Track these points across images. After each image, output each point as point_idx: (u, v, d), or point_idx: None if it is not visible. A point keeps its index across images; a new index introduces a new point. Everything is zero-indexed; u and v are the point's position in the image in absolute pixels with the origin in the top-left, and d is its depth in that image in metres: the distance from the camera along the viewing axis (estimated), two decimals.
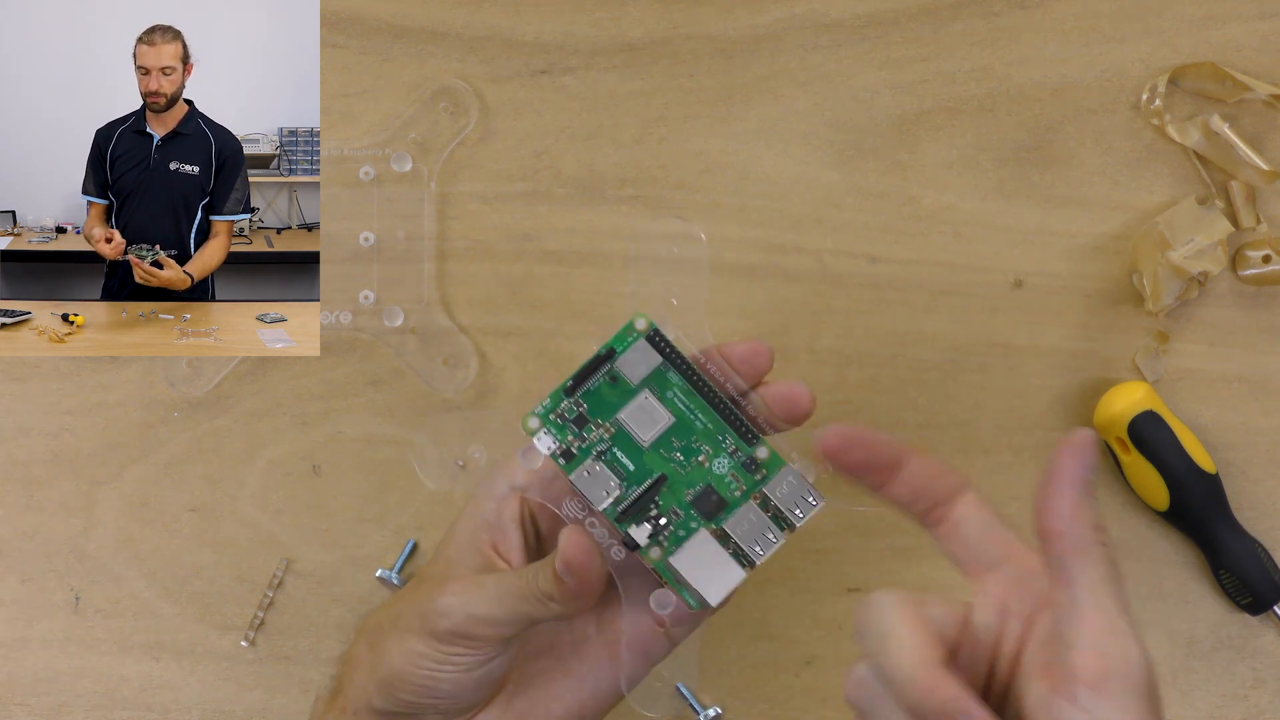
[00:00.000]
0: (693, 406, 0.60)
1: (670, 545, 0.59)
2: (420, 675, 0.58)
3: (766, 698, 0.74)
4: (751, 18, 0.75)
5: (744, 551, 0.59)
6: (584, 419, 0.60)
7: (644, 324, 0.60)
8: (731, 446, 0.60)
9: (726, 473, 0.60)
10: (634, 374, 0.60)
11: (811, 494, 0.59)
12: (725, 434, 0.60)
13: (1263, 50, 0.75)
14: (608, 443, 0.60)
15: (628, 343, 0.60)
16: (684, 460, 0.60)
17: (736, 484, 0.60)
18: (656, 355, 0.60)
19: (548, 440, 0.60)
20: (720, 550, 0.59)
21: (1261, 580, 0.72)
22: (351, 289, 0.75)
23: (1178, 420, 0.73)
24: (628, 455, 0.60)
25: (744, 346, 0.60)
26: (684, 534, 0.59)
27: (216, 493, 0.74)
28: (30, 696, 0.74)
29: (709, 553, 0.59)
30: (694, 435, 0.60)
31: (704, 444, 0.60)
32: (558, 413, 0.60)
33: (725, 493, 0.59)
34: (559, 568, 0.57)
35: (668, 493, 0.59)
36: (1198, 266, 0.72)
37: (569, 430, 0.60)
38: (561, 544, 0.57)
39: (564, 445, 0.60)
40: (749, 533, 0.59)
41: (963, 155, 0.75)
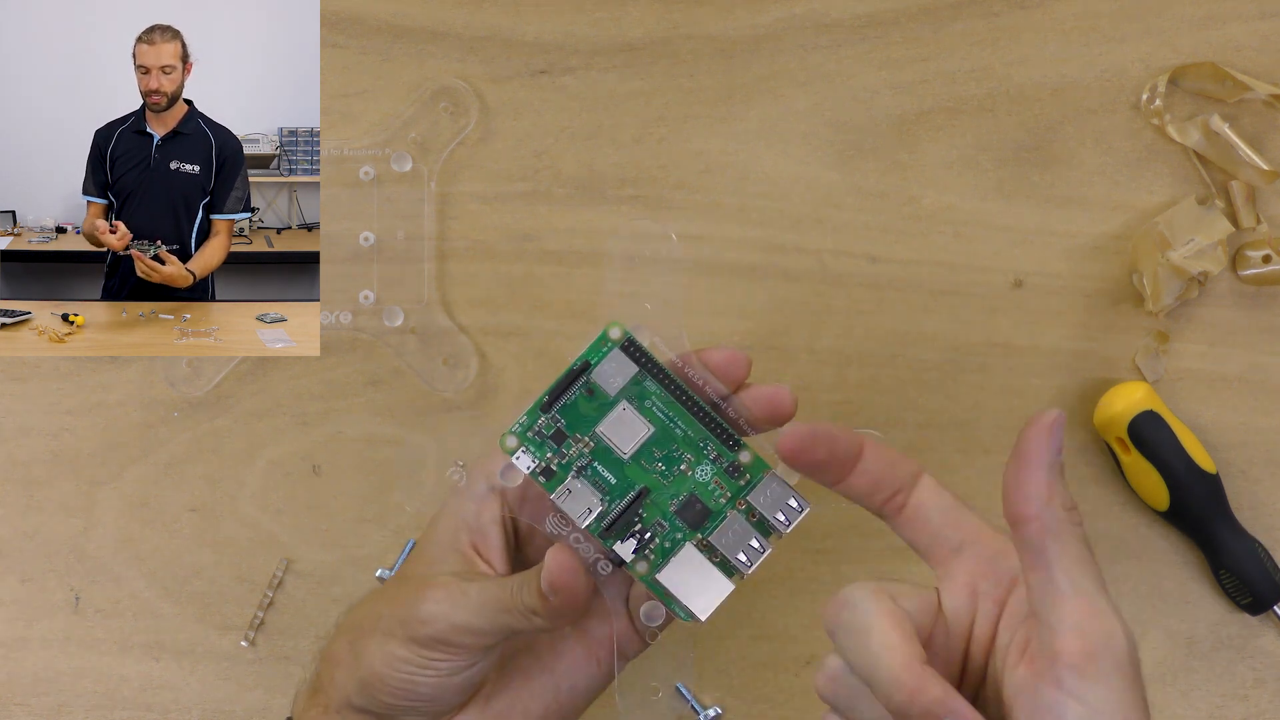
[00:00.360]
0: (672, 414, 0.59)
1: (657, 558, 0.59)
2: (400, 679, 0.58)
3: (766, 698, 0.74)
4: (751, 18, 0.75)
5: (731, 563, 0.59)
6: (562, 434, 0.59)
7: (618, 333, 0.59)
8: (714, 453, 0.59)
9: (710, 479, 0.59)
10: (611, 385, 0.59)
11: (796, 499, 0.59)
12: (706, 440, 0.59)
13: (1263, 50, 0.75)
14: (588, 457, 0.59)
15: (603, 353, 0.59)
16: (666, 470, 0.59)
17: (720, 491, 0.59)
18: (632, 365, 0.59)
19: (526, 459, 0.59)
20: (707, 563, 0.59)
21: (1261, 580, 0.72)
22: (351, 289, 0.75)
23: (1178, 420, 0.73)
24: (609, 469, 0.59)
25: (721, 354, 0.59)
26: (670, 545, 0.59)
27: (216, 493, 0.74)
28: (30, 696, 0.74)
29: (696, 566, 0.59)
30: (675, 444, 0.59)
31: (685, 451, 0.59)
32: (535, 430, 0.59)
33: (709, 501, 0.59)
34: (545, 587, 0.56)
35: (651, 504, 0.59)
36: (1198, 266, 0.72)
37: (547, 447, 0.59)
38: (547, 563, 0.56)
39: (543, 463, 0.59)
40: (735, 543, 0.59)
41: (963, 155, 0.75)
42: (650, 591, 0.59)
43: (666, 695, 0.65)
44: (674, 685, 0.74)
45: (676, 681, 0.74)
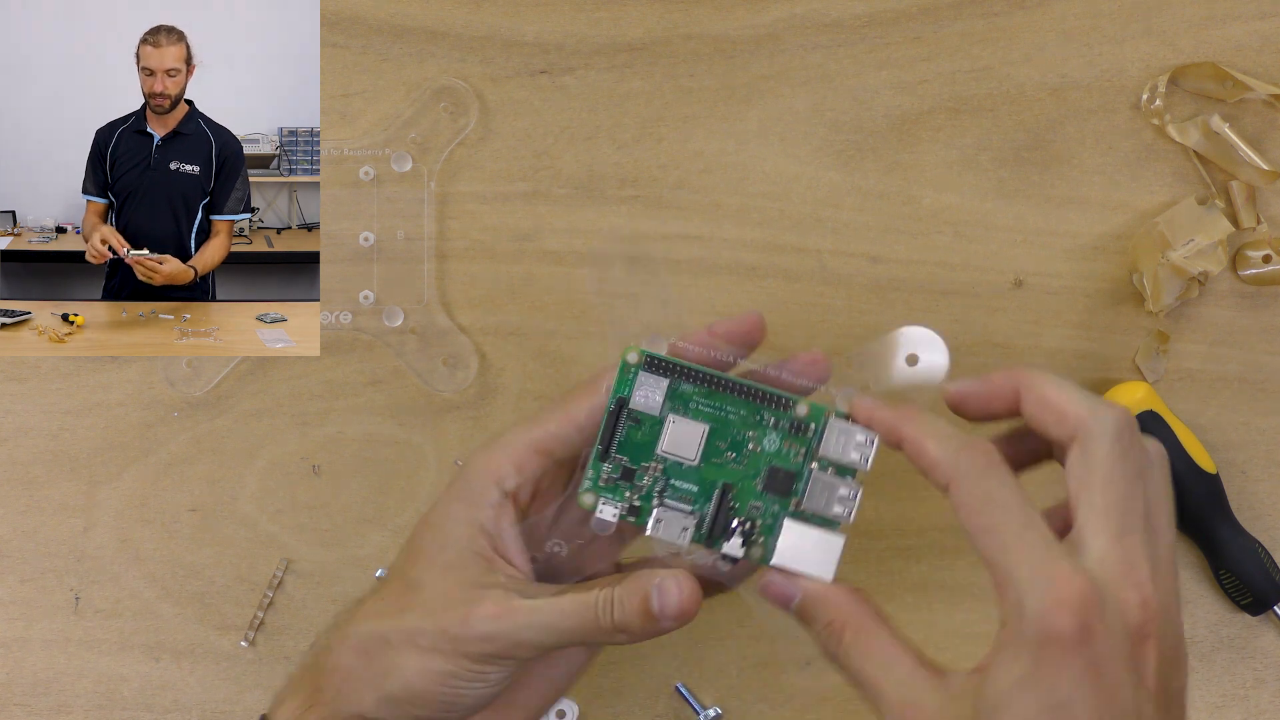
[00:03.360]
0: (719, 404, 0.59)
1: (765, 539, 0.59)
2: (445, 693, 0.58)
3: (766, 698, 0.74)
4: (751, 18, 0.75)
5: (831, 518, 0.59)
6: (629, 470, 0.59)
7: (635, 356, 0.59)
8: (771, 419, 0.59)
9: (779, 445, 0.59)
10: (651, 406, 0.59)
11: (862, 433, 0.58)
12: (760, 411, 0.59)
13: (1263, 50, 0.75)
14: (663, 479, 0.59)
15: (630, 381, 0.59)
16: (737, 456, 0.59)
17: (793, 450, 0.59)
18: (662, 378, 0.59)
19: (609, 508, 0.59)
20: (810, 528, 0.59)
21: (1261, 580, 0.72)
22: (351, 289, 0.75)
23: (1178, 420, 0.73)
24: (686, 480, 0.59)
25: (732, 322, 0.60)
26: (770, 521, 0.59)
27: (216, 493, 0.74)
28: (30, 696, 0.74)
29: (802, 534, 0.59)
30: (733, 428, 0.59)
31: (746, 430, 0.59)
32: (604, 478, 0.59)
33: (788, 464, 0.59)
34: (660, 611, 0.56)
35: (739, 493, 0.59)
36: (1198, 266, 0.72)
37: (622, 488, 0.59)
38: (671, 590, 0.56)
39: (625, 504, 0.59)
40: (828, 500, 0.59)
41: (963, 155, 0.75)
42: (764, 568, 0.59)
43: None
44: (674, 685, 0.74)
45: (678, 681, 0.74)
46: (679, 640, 0.73)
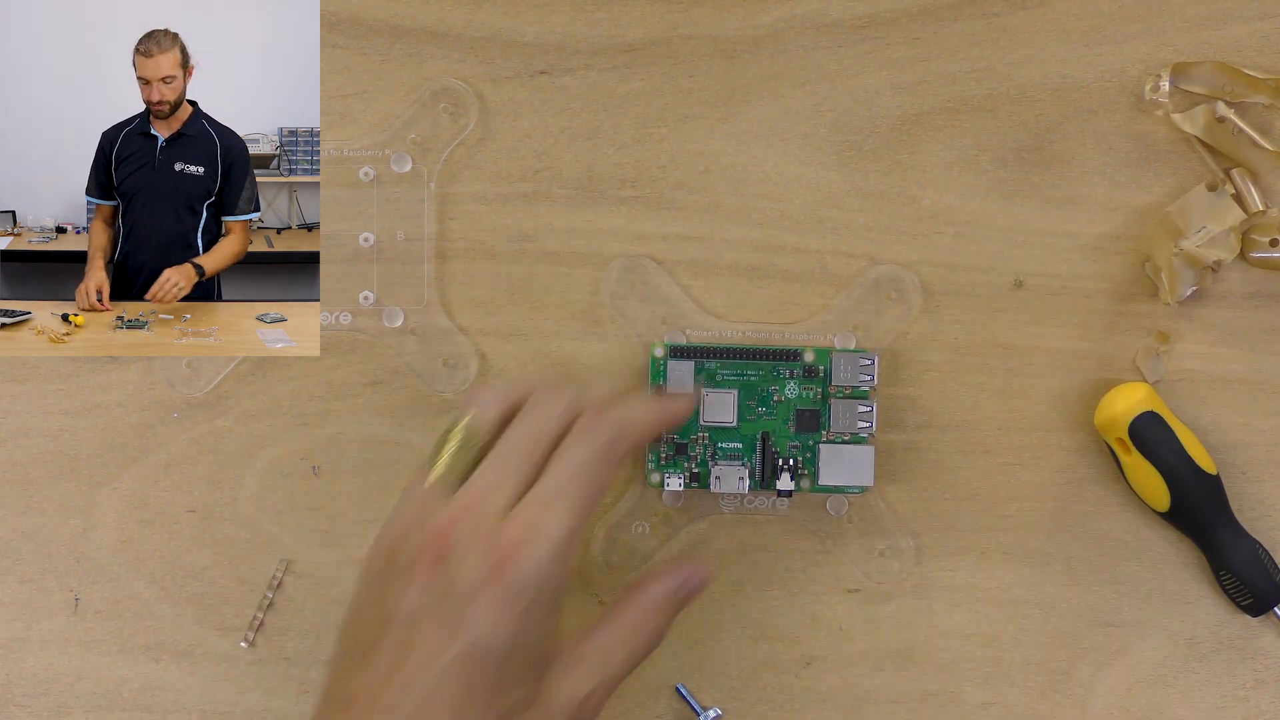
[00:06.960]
0: (740, 370, 0.71)
1: (810, 471, 0.71)
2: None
3: (766, 698, 0.74)
4: (751, 18, 0.75)
5: (858, 436, 0.71)
6: (681, 445, 0.71)
7: (661, 350, 0.72)
8: (787, 372, 0.72)
9: (799, 390, 0.72)
10: (685, 387, 0.71)
11: (864, 357, 0.71)
12: (776, 367, 0.72)
13: (1263, 50, 0.75)
14: (711, 445, 0.71)
15: (662, 371, 0.72)
16: (768, 409, 0.71)
17: (811, 393, 0.72)
18: (688, 361, 0.72)
19: (675, 480, 0.71)
20: (842, 449, 0.71)
21: (1262, 581, 0.72)
22: (351, 289, 0.75)
23: (1178, 421, 0.72)
24: (730, 440, 0.71)
25: None
26: (811, 455, 0.71)
27: (216, 493, 0.74)
28: (30, 697, 0.74)
29: (837, 455, 0.71)
30: (758, 387, 0.71)
31: (769, 386, 0.72)
32: (662, 456, 0.72)
33: (810, 404, 0.72)
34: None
35: (777, 438, 0.71)
36: (1212, 255, 0.72)
37: (680, 462, 0.71)
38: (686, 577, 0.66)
39: (687, 473, 0.71)
40: (849, 421, 0.71)
41: (963, 155, 0.75)
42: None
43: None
44: (674, 686, 0.74)
45: (678, 682, 0.74)
46: (679, 640, 0.73)
